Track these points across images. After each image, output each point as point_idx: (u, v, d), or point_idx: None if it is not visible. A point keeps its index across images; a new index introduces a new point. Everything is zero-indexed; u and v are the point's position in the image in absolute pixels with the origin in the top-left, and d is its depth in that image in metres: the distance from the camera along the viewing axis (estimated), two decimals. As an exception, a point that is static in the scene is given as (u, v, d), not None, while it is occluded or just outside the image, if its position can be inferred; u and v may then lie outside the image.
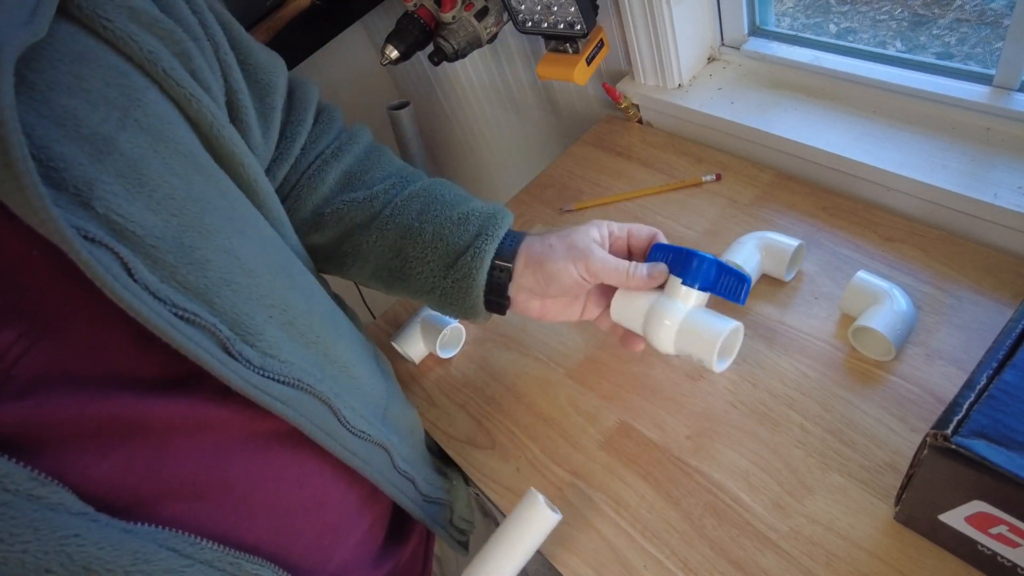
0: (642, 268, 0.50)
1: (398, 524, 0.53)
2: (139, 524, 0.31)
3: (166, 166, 0.34)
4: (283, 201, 0.55)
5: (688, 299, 0.50)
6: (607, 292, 0.54)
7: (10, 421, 0.28)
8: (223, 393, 0.36)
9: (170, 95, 0.37)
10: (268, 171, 0.52)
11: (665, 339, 0.50)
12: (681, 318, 0.49)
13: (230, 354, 0.35)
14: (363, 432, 0.45)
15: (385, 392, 0.51)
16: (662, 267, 0.50)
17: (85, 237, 0.29)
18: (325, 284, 0.53)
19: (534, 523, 0.49)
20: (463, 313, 0.53)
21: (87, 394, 0.31)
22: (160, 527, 0.32)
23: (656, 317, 0.50)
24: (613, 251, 0.52)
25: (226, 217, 0.37)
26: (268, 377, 0.37)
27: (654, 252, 0.52)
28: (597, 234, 0.51)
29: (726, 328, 0.48)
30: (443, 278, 0.51)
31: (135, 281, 0.31)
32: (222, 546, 0.34)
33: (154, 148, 0.34)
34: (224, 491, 0.36)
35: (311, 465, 0.42)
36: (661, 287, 0.51)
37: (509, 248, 0.51)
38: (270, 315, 0.38)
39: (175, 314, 0.32)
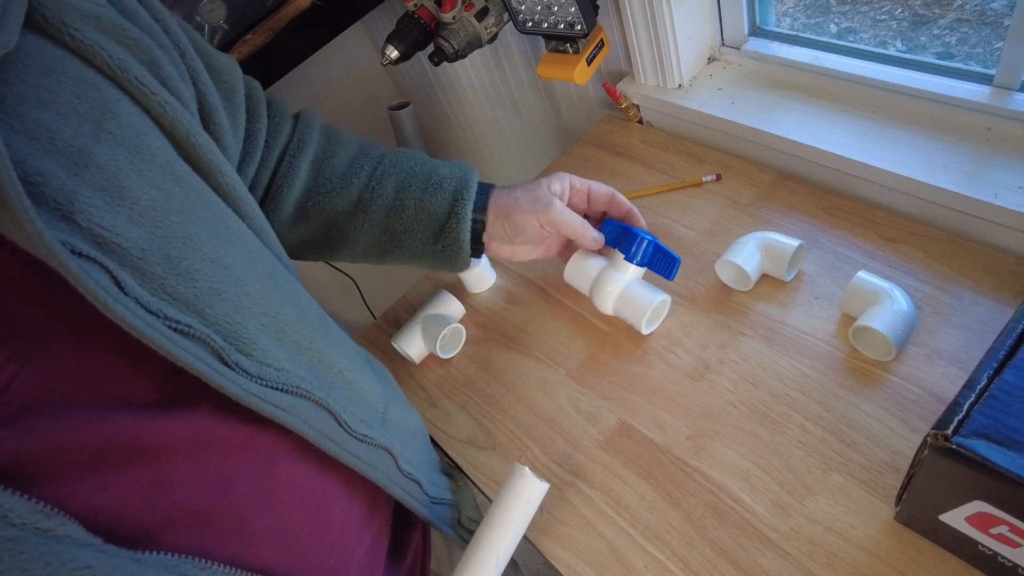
0: (593, 231, 0.60)
1: (396, 540, 0.53)
2: (147, 553, 0.31)
3: (144, 178, 0.34)
4: (263, 201, 0.55)
5: (627, 271, 0.62)
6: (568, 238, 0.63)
7: (4, 450, 0.27)
8: (221, 410, 0.35)
9: (142, 105, 0.36)
10: (238, 170, 0.52)
11: (607, 302, 0.63)
12: (622, 287, 0.62)
13: (227, 364, 0.34)
14: (366, 436, 0.45)
15: (383, 395, 0.51)
16: (601, 238, 0.62)
17: (72, 251, 0.28)
18: (311, 292, 0.53)
19: (523, 496, 0.50)
20: (452, 269, 0.59)
21: (81, 418, 0.30)
22: (169, 554, 0.31)
23: (601, 283, 0.63)
24: (572, 203, 0.61)
25: (209, 227, 0.37)
26: (266, 386, 0.36)
27: (605, 226, 0.63)
28: (558, 187, 0.59)
29: (656, 299, 0.62)
30: (432, 244, 0.57)
31: (126, 295, 0.30)
32: (231, 568, 0.34)
33: (130, 160, 0.33)
34: (228, 516, 0.35)
35: (314, 484, 0.42)
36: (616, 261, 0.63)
37: (480, 201, 0.57)
38: (262, 323, 0.38)
39: (168, 327, 0.31)
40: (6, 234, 0.27)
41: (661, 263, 0.61)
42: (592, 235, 0.60)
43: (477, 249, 0.59)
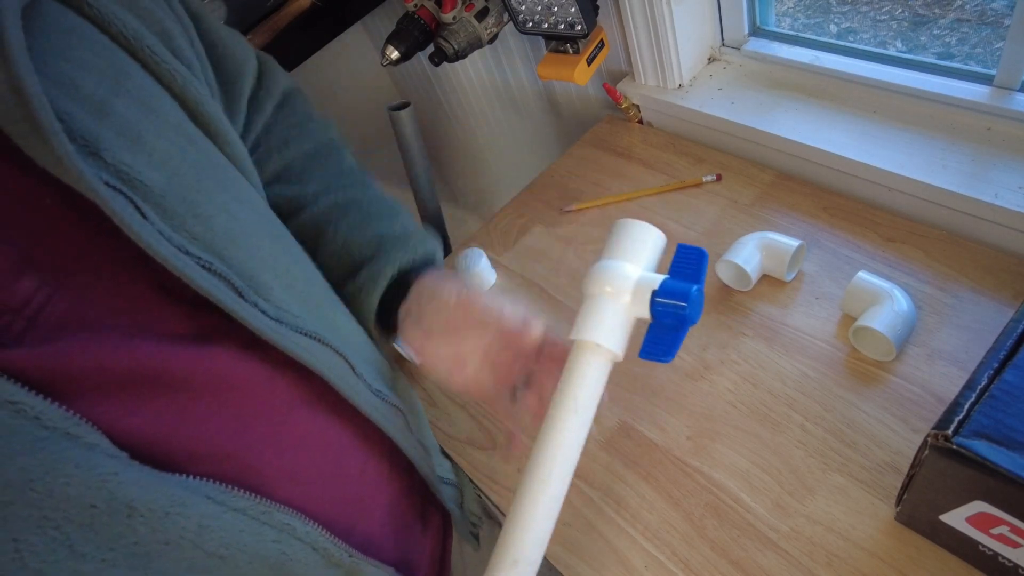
0: (522, 314, 0.42)
1: (417, 513, 0.53)
2: (172, 474, 0.31)
3: (159, 133, 0.35)
4: None
5: (634, 302, 0.41)
6: (503, 378, 0.45)
7: (38, 365, 0.28)
8: (243, 350, 0.36)
9: (154, 72, 0.37)
10: None
11: (590, 280, 0.42)
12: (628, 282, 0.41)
13: (246, 301, 0.35)
14: (379, 392, 0.45)
15: (390, 366, 0.52)
16: (538, 326, 0.43)
17: (102, 182, 0.29)
18: None
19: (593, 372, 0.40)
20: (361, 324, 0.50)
21: (111, 344, 0.31)
22: (192, 477, 0.32)
23: (610, 272, 0.42)
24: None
25: (220, 184, 0.38)
26: (285, 326, 0.37)
27: (679, 251, 0.42)
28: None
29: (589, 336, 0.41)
30: (341, 289, 0.49)
31: (151, 226, 0.31)
32: (253, 495, 0.34)
33: (146, 116, 0.35)
34: (246, 454, 0.36)
35: (329, 432, 0.42)
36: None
37: (415, 274, 0.47)
38: (275, 274, 0.39)
39: (192, 260, 0.33)
40: (39, 161, 0.28)
41: (662, 341, 0.40)
42: (516, 315, 0.42)
43: (392, 325, 0.48)
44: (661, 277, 0.41)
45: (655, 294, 0.40)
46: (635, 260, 0.42)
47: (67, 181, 0.28)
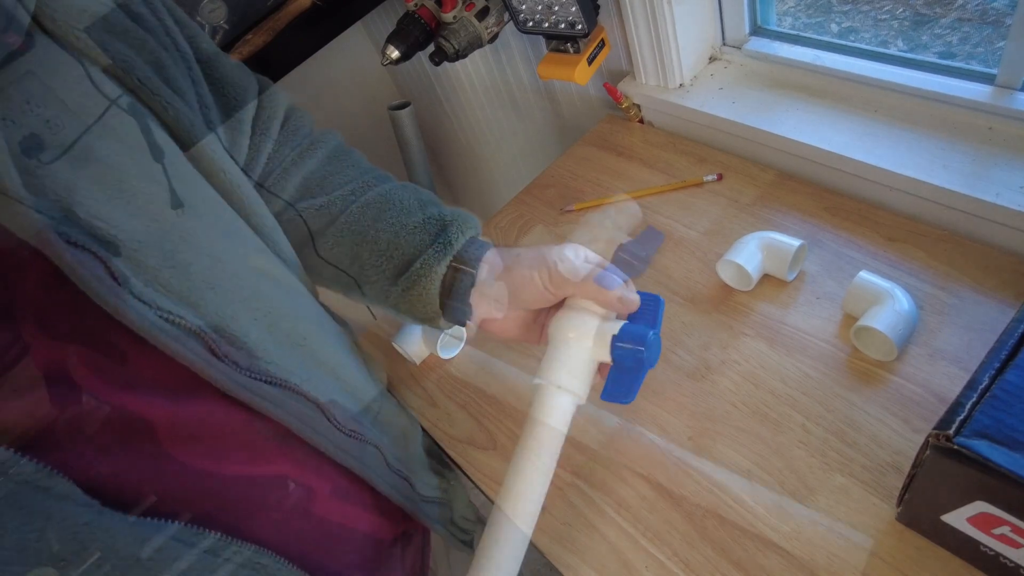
0: (618, 284, 0.44)
1: (395, 535, 0.54)
2: (144, 518, 0.32)
3: (144, 173, 0.35)
4: None
5: (592, 346, 0.44)
6: None
7: (12, 417, 0.29)
8: (221, 396, 0.36)
9: (146, 103, 0.38)
10: None
11: (555, 327, 0.47)
12: (574, 342, 0.45)
13: (217, 356, 0.35)
14: (354, 432, 0.45)
15: (378, 397, 0.52)
16: (635, 298, 0.44)
17: (68, 242, 0.29)
18: (314, 290, 0.53)
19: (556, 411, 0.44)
20: (421, 320, 0.50)
21: (87, 393, 0.31)
22: (164, 520, 0.33)
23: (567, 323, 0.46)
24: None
25: (206, 222, 0.38)
26: (255, 378, 0.38)
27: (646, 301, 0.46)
28: (573, 254, 0.47)
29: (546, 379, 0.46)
30: (392, 285, 0.49)
31: (120, 285, 0.31)
32: (223, 535, 0.35)
33: (131, 156, 0.35)
34: (221, 493, 0.37)
35: (307, 469, 0.43)
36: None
37: (474, 254, 0.48)
38: (254, 317, 0.39)
39: (161, 317, 0.33)
40: (7, 225, 0.28)
41: (622, 383, 0.44)
42: (615, 292, 0.44)
43: (463, 310, 0.48)
44: (621, 323, 0.45)
45: (615, 338, 0.43)
46: (597, 308, 0.45)
47: (34, 244, 0.29)
